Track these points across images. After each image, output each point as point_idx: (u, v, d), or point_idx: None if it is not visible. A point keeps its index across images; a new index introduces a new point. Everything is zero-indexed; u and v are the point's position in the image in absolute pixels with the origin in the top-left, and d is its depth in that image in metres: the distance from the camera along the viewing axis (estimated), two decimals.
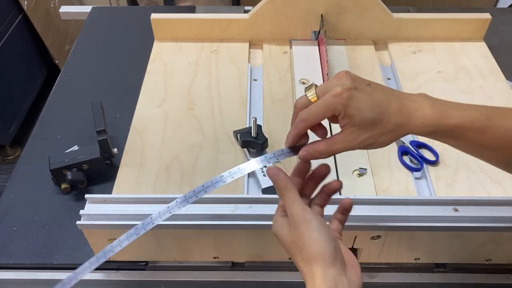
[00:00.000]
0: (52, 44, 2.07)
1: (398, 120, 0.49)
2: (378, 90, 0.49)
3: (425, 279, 0.72)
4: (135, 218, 0.63)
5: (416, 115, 0.49)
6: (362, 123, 0.48)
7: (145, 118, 0.87)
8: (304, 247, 0.46)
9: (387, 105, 0.49)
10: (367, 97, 0.48)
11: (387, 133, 0.49)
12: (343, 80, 0.49)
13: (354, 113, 0.48)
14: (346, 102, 0.48)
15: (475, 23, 1.03)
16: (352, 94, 0.48)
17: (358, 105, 0.48)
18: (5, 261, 0.71)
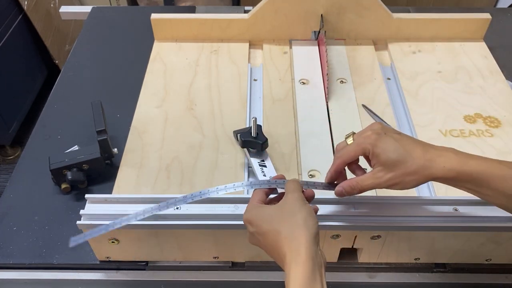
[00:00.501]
0: (52, 44, 2.07)
1: (421, 162, 0.54)
2: (405, 138, 0.56)
3: (425, 279, 0.72)
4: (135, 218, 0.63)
5: (439, 160, 0.54)
6: (388, 162, 0.54)
7: (145, 118, 0.88)
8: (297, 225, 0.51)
9: (411, 149, 0.54)
10: (394, 141, 0.55)
11: (411, 174, 0.54)
12: (375, 127, 0.57)
13: (380, 153, 0.54)
14: (374, 143, 0.55)
15: (475, 23, 1.03)
16: (380, 137, 0.55)
17: (385, 146, 0.54)
18: (5, 261, 0.71)
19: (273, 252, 0.53)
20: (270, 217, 0.53)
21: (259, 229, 0.54)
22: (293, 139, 0.83)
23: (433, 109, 0.89)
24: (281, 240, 0.51)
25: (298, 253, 0.49)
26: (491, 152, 0.80)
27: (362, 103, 0.90)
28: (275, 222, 0.53)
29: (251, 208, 0.56)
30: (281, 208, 0.54)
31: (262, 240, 0.54)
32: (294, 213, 0.52)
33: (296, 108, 0.89)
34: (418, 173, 0.54)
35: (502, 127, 0.85)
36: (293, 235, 0.51)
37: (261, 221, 0.54)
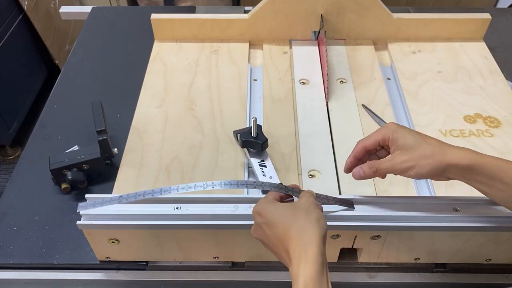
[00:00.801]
0: (52, 44, 2.07)
1: (436, 147, 0.57)
2: (423, 133, 0.60)
3: (425, 279, 0.72)
4: (135, 218, 0.63)
5: (453, 149, 0.57)
6: (405, 145, 0.58)
7: (145, 118, 0.88)
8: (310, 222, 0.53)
9: (427, 138, 0.59)
10: (411, 130, 0.60)
11: (426, 158, 0.57)
12: (393, 122, 0.61)
13: (399, 137, 0.58)
14: (394, 128, 0.59)
15: (475, 23, 1.03)
16: (399, 126, 0.60)
17: (403, 133, 0.59)
18: (5, 261, 0.71)
19: (277, 245, 0.53)
20: (282, 211, 0.54)
21: (269, 220, 0.54)
22: (293, 139, 0.83)
23: (433, 109, 0.89)
24: (291, 233, 0.52)
25: (309, 248, 0.50)
26: (491, 152, 0.80)
27: (362, 103, 0.90)
28: (288, 216, 0.53)
29: (264, 201, 0.57)
30: (294, 205, 0.55)
31: (268, 231, 0.54)
32: (308, 211, 0.54)
33: (296, 108, 0.89)
34: (433, 157, 0.56)
35: (502, 127, 0.85)
36: (305, 230, 0.52)
37: (272, 214, 0.54)
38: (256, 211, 0.56)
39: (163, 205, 0.64)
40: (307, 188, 0.74)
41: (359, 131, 0.84)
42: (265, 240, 0.55)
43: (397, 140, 0.58)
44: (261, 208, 0.56)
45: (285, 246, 0.52)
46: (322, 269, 0.49)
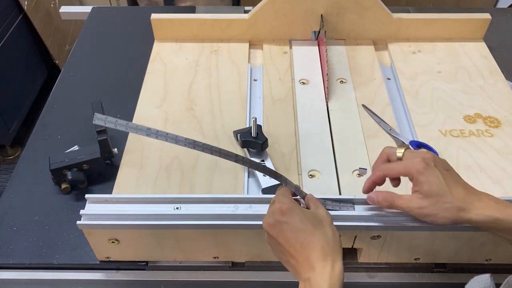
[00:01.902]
0: (52, 44, 2.08)
1: (460, 203, 0.55)
2: (451, 175, 0.57)
3: (425, 279, 0.72)
4: (135, 218, 0.63)
5: (478, 204, 0.55)
6: (429, 192, 0.55)
7: (145, 118, 0.87)
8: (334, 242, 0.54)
9: (454, 188, 0.55)
10: (439, 175, 0.56)
11: (447, 210, 0.55)
12: (427, 156, 0.57)
13: (424, 182, 0.55)
14: (421, 170, 0.56)
15: (475, 23, 1.03)
16: (428, 167, 0.56)
17: (430, 177, 0.55)
18: (5, 261, 0.71)
19: (296, 248, 0.53)
20: (310, 218, 0.55)
21: (295, 222, 0.54)
22: (293, 139, 0.83)
23: (433, 109, 0.89)
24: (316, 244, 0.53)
25: (336, 265, 0.52)
26: (491, 152, 0.80)
27: (362, 103, 0.90)
28: (315, 225, 0.54)
29: (288, 201, 0.57)
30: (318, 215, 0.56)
31: (289, 233, 0.54)
32: (331, 225, 0.55)
33: (296, 108, 0.89)
34: (453, 212, 0.55)
35: (502, 127, 0.85)
36: (331, 245, 0.53)
37: (300, 218, 0.54)
38: (280, 209, 0.55)
39: (163, 205, 0.64)
40: (307, 189, 0.74)
41: (359, 131, 0.84)
42: (281, 239, 0.55)
43: (421, 185, 0.55)
44: (287, 208, 0.55)
45: (308, 255, 0.52)
46: (342, 285, 0.52)
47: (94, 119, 0.61)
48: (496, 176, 0.77)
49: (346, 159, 0.79)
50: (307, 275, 0.52)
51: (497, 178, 0.76)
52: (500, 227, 0.54)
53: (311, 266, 0.52)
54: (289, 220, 0.54)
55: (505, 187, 0.75)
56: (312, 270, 0.52)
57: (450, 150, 0.81)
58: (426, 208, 0.56)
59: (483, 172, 0.77)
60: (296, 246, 0.53)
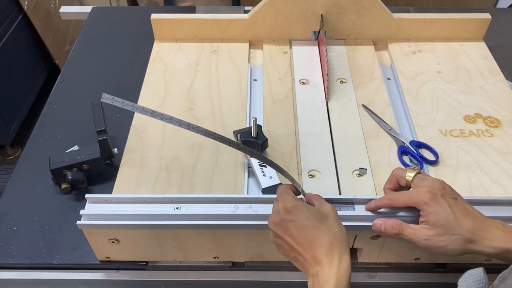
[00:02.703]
0: (52, 44, 2.08)
1: (468, 235, 0.54)
2: (459, 205, 0.56)
3: (425, 279, 0.72)
4: (135, 218, 0.63)
5: (487, 236, 0.54)
6: (436, 223, 0.55)
7: (145, 118, 0.87)
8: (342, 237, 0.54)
9: (462, 219, 0.55)
10: (447, 206, 0.55)
11: (455, 242, 0.55)
12: (436, 185, 0.57)
13: (431, 213, 0.55)
14: (428, 202, 0.55)
15: (475, 23, 1.03)
16: (435, 198, 0.55)
17: (437, 209, 0.55)
18: (5, 261, 0.71)
19: (303, 245, 0.54)
20: (316, 215, 0.55)
21: (300, 220, 0.54)
22: (293, 139, 0.83)
23: (433, 109, 0.89)
24: (323, 240, 0.53)
25: (343, 259, 0.53)
26: (491, 152, 0.80)
27: (362, 103, 0.90)
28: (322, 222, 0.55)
29: (292, 199, 0.57)
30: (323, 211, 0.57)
31: (295, 231, 0.54)
32: (338, 221, 0.56)
33: (296, 108, 0.89)
34: (461, 244, 0.55)
35: (502, 127, 0.85)
36: (339, 241, 0.53)
37: (305, 216, 0.55)
38: (284, 207, 0.56)
39: (163, 205, 0.64)
40: (307, 189, 0.74)
41: (359, 131, 0.84)
42: (287, 237, 0.55)
43: (429, 215, 0.55)
44: (292, 206, 0.55)
45: (315, 250, 0.53)
46: (349, 280, 0.53)
47: (102, 98, 0.62)
48: (496, 176, 0.77)
49: (346, 159, 0.79)
50: (315, 270, 0.53)
51: (497, 178, 0.76)
52: (507, 257, 0.54)
53: (318, 262, 0.52)
54: (294, 218, 0.55)
55: (505, 187, 0.75)
56: (319, 265, 0.52)
57: (450, 150, 0.81)
58: (433, 240, 0.55)
59: (483, 172, 0.77)
60: (303, 243, 0.54)
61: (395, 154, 0.80)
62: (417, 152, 0.80)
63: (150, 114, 0.63)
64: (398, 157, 0.79)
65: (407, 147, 0.81)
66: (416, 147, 0.81)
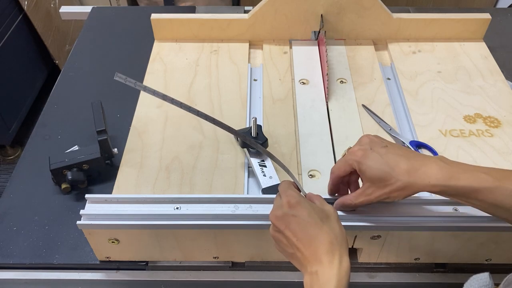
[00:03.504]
0: (52, 44, 2.07)
1: (405, 179, 0.55)
2: (391, 153, 0.56)
3: (425, 279, 0.72)
4: (135, 218, 0.63)
5: (423, 176, 0.54)
6: (373, 179, 0.56)
7: (145, 118, 0.88)
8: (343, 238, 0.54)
9: (394, 166, 0.55)
10: (379, 157, 0.56)
11: (397, 191, 0.55)
12: (363, 141, 0.59)
13: (366, 170, 0.56)
14: (359, 160, 0.57)
15: (475, 23, 1.03)
16: (366, 154, 0.57)
17: (369, 163, 0.56)
18: (5, 261, 0.71)
19: (303, 241, 0.53)
20: (319, 213, 0.55)
21: (303, 216, 0.54)
22: (293, 139, 0.83)
23: (433, 109, 0.89)
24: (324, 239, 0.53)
25: (343, 260, 0.52)
26: (491, 152, 0.80)
27: (362, 103, 0.90)
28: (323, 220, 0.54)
29: (295, 194, 0.57)
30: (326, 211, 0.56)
31: (296, 226, 0.54)
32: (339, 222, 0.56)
33: (296, 108, 0.89)
34: (404, 189, 0.55)
35: (502, 127, 0.85)
36: (340, 241, 0.53)
37: (308, 212, 0.54)
38: (288, 202, 0.56)
39: (163, 205, 0.64)
40: (307, 189, 0.74)
41: (359, 131, 0.84)
42: (287, 232, 0.55)
43: (365, 173, 0.57)
44: (296, 201, 0.55)
45: (316, 248, 0.53)
46: (349, 282, 0.52)
47: (115, 76, 0.63)
48: None
49: None
50: (314, 268, 0.52)
51: None
52: (448, 193, 0.55)
53: (318, 260, 0.52)
54: (297, 213, 0.54)
55: None
56: (320, 264, 0.52)
57: (450, 150, 0.81)
58: (381, 196, 0.56)
59: None
60: (304, 239, 0.53)
61: None
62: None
63: (161, 96, 0.64)
64: None
65: (407, 147, 0.81)
66: (416, 147, 0.81)
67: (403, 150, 0.57)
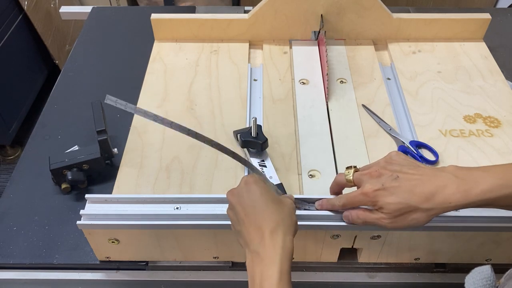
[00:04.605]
0: (52, 44, 2.08)
1: (425, 206, 0.54)
2: (404, 183, 0.55)
3: (425, 279, 0.72)
4: (135, 218, 0.63)
5: (442, 200, 0.53)
6: (391, 212, 0.55)
7: (145, 118, 0.87)
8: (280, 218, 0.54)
9: (411, 197, 0.54)
10: (392, 193, 0.55)
11: (418, 217, 0.55)
12: (373, 178, 0.56)
13: (384, 206, 0.55)
14: (374, 200, 0.56)
15: (475, 23, 1.03)
16: (378, 194, 0.55)
17: (385, 200, 0.55)
18: (5, 261, 0.71)
19: (248, 215, 0.54)
20: (273, 195, 0.56)
21: (254, 193, 0.55)
22: (293, 139, 0.83)
23: (433, 109, 0.89)
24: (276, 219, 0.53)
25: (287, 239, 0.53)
26: (491, 152, 0.80)
27: (362, 103, 0.90)
28: (275, 203, 0.55)
29: (256, 176, 0.59)
30: (282, 199, 0.58)
31: (248, 199, 0.55)
32: (291, 211, 0.57)
33: (296, 108, 0.89)
34: (425, 215, 0.54)
35: (502, 127, 0.85)
36: (290, 224, 0.55)
37: (259, 189, 0.56)
38: (245, 180, 0.57)
39: (163, 205, 0.64)
40: (307, 189, 0.74)
41: (359, 131, 0.84)
42: (238, 207, 0.56)
43: (382, 209, 0.55)
44: (252, 180, 0.57)
45: (260, 225, 0.53)
46: (290, 263, 0.52)
47: (105, 99, 0.62)
48: None
49: (346, 159, 0.79)
50: (256, 247, 0.52)
51: None
52: (469, 207, 0.54)
53: (261, 236, 0.52)
54: (251, 189, 0.56)
55: None
56: (262, 243, 0.52)
57: (450, 150, 0.81)
58: (396, 222, 0.56)
59: None
60: (251, 215, 0.54)
61: None
62: (417, 152, 0.80)
63: (152, 118, 0.63)
64: None
65: (407, 147, 0.81)
66: (416, 147, 0.81)
67: (416, 174, 0.55)
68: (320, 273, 0.72)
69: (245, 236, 0.55)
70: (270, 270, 0.50)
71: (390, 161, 0.58)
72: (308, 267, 0.72)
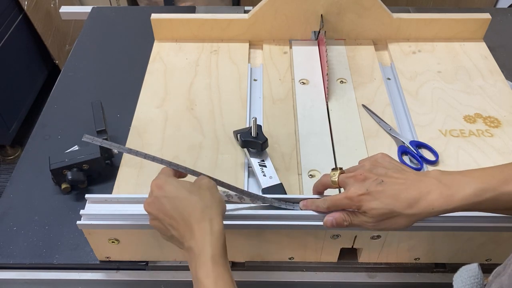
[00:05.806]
0: (52, 44, 2.08)
1: (407, 212, 0.54)
2: (389, 187, 0.55)
3: (425, 279, 0.72)
4: (135, 218, 0.63)
5: (425, 205, 0.54)
6: (375, 215, 0.55)
7: (145, 118, 0.87)
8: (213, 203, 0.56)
9: (395, 202, 0.54)
10: (377, 198, 0.55)
11: (401, 223, 0.55)
12: (358, 182, 0.56)
13: (367, 210, 0.55)
14: (358, 204, 0.56)
15: (475, 23, 1.03)
16: (363, 199, 0.55)
17: (369, 205, 0.55)
18: (5, 261, 0.71)
19: (176, 219, 0.54)
20: (187, 186, 0.56)
21: (171, 193, 0.55)
22: (293, 139, 0.83)
23: (433, 109, 0.89)
24: (196, 208, 0.54)
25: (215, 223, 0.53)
26: (491, 152, 0.80)
27: (362, 103, 0.90)
28: (193, 192, 0.55)
29: (164, 176, 0.58)
30: (197, 183, 0.57)
31: (168, 205, 0.55)
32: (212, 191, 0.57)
33: (296, 108, 0.89)
34: (408, 220, 0.55)
35: (502, 127, 0.85)
36: (210, 207, 0.55)
37: (175, 188, 0.55)
38: (156, 184, 0.56)
39: None
40: (307, 189, 0.74)
41: (359, 131, 0.84)
42: (160, 214, 0.55)
43: (367, 213, 0.56)
44: (163, 182, 0.56)
45: (187, 220, 0.53)
46: (225, 243, 0.53)
47: (83, 137, 0.63)
48: None
49: (346, 159, 0.79)
50: (189, 243, 0.53)
51: None
52: (451, 212, 0.55)
53: (191, 231, 0.53)
54: (166, 193, 0.55)
55: None
56: (192, 236, 0.53)
57: (450, 150, 0.81)
58: (379, 225, 0.56)
59: None
60: (176, 216, 0.54)
61: (395, 154, 0.80)
62: (417, 152, 0.80)
63: (143, 156, 0.63)
64: (398, 157, 0.79)
65: (407, 147, 0.81)
66: (416, 147, 0.81)
67: (401, 177, 0.56)
68: (320, 273, 0.72)
69: (178, 238, 0.55)
70: (202, 258, 0.51)
71: (375, 164, 0.58)
72: (308, 267, 0.72)
